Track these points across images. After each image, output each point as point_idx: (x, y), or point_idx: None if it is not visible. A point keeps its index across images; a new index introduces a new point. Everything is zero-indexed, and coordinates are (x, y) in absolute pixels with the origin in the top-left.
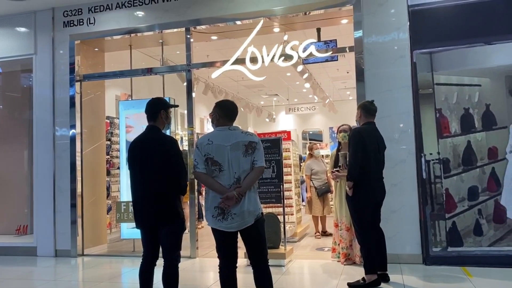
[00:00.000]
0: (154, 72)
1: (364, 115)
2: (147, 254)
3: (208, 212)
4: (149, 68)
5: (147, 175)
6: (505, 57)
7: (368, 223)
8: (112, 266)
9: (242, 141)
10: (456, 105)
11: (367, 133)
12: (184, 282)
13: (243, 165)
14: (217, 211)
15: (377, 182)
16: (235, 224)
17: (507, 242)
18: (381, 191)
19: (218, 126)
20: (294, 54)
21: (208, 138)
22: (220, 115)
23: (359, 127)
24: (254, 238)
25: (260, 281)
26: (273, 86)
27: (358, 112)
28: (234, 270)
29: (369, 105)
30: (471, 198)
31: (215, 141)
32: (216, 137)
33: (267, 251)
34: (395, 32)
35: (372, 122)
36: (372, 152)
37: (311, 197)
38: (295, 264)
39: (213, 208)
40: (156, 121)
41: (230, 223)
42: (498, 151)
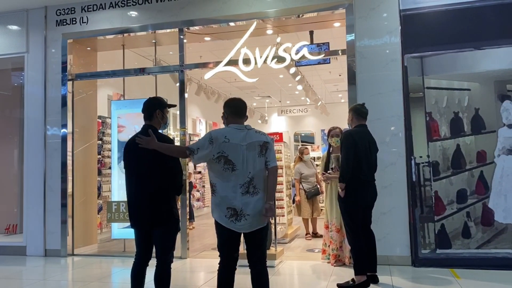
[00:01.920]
0: (146, 72)
1: (355, 118)
2: (140, 255)
3: (219, 211)
4: (142, 68)
5: (142, 175)
6: (494, 62)
7: (358, 225)
8: (102, 266)
9: (257, 141)
10: (446, 109)
11: (359, 136)
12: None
13: (257, 165)
14: (230, 212)
15: (369, 185)
16: (248, 225)
17: (495, 245)
18: (373, 193)
19: (230, 123)
20: (287, 56)
21: (225, 136)
22: (228, 114)
23: (351, 129)
24: (259, 239)
25: (258, 282)
26: (266, 88)
27: (350, 115)
28: (233, 270)
29: (360, 108)
30: (460, 201)
31: (232, 139)
32: (232, 135)
33: (266, 252)
34: (387, 36)
35: (364, 125)
36: (363, 155)
37: (300, 200)
38: (285, 265)
39: (225, 208)
40: (152, 120)
41: (244, 224)
42: (487, 155)
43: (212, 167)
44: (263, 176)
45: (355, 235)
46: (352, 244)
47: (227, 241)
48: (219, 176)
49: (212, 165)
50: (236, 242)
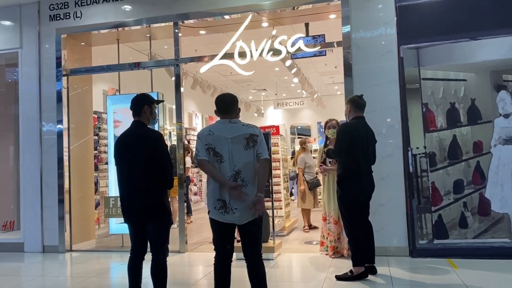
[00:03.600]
0: (141, 67)
1: (353, 110)
2: (135, 249)
3: (211, 201)
4: (137, 63)
5: (134, 170)
6: (490, 53)
7: (356, 217)
8: (101, 261)
9: (243, 134)
10: (442, 99)
11: (355, 128)
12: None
13: (243, 158)
14: (219, 203)
15: (366, 177)
16: (237, 218)
17: (491, 234)
18: (370, 185)
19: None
20: (283, 49)
21: (209, 130)
22: (217, 110)
23: (347, 122)
24: (252, 233)
25: (254, 276)
26: (262, 81)
27: (348, 106)
28: (229, 263)
29: (358, 100)
30: (457, 191)
31: (216, 132)
32: (217, 128)
33: (261, 246)
34: (382, 28)
35: (362, 117)
36: (360, 147)
37: (304, 189)
38: (283, 257)
39: (215, 200)
40: (140, 116)
41: (232, 217)
42: (483, 145)
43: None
44: (252, 169)
45: (353, 227)
46: (349, 235)
47: (220, 233)
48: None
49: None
50: (229, 234)
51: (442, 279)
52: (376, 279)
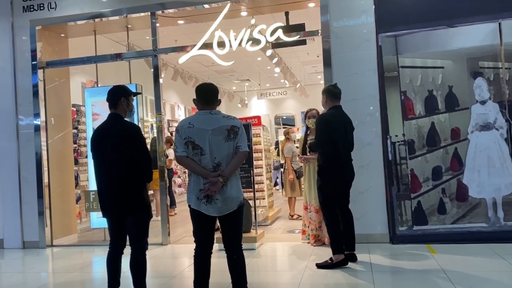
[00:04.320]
0: (119, 58)
1: (329, 99)
2: (114, 243)
3: (192, 194)
4: (114, 54)
5: (111, 163)
6: (467, 40)
7: (335, 205)
8: (83, 256)
9: (224, 126)
10: (420, 87)
11: (334, 118)
12: (154, 269)
13: (224, 150)
14: (202, 194)
15: (346, 166)
16: (218, 209)
17: (469, 219)
18: (350, 174)
19: (199, 110)
20: (262, 38)
21: (189, 122)
22: (197, 100)
23: (325, 112)
24: (233, 224)
25: (234, 266)
26: (244, 71)
27: (323, 97)
28: (209, 255)
29: (333, 89)
30: (435, 178)
31: (196, 124)
32: (197, 120)
33: (242, 237)
34: (361, 16)
35: (339, 106)
36: (339, 137)
37: (293, 178)
38: (266, 247)
39: (197, 190)
40: (117, 108)
41: (214, 207)
42: (461, 132)
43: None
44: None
45: (331, 216)
46: (328, 224)
47: (200, 225)
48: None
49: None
50: (209, 226)
51: (421, 265)
52: (356, 266)
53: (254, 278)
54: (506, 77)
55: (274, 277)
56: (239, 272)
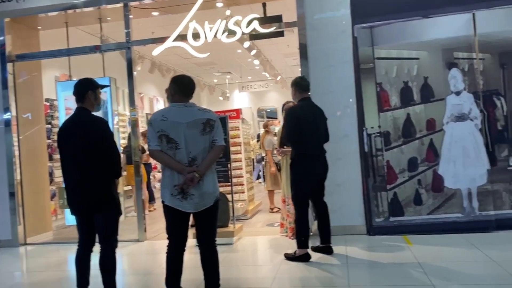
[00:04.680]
0: (91, 51)
1: (298, 92)
2: (83, 241)
3: (166, 190)
4: (86, 47)
5: (78, 159)
6: (442, 30)
7: (305, 200)
8: (59, 253)
9: (200, 119)
10: (395, 78)
11: (302, 111)
12: (129, 266)
13: (200, 144)
14: (176, 190)
15: (316, 158)
16: (194, 205)
17: (445, 210)
18: (323, 166)
19: (173, 102)
20: (238, 30)
21: (163, 114)
22: (175, 91)
23: (294, 105)
24: (208, 219)
25: (207, 262)
26: (225, 64)
27: (292, 89)
28: (182, 252)
29: (300, 81)
30: (411, 169)
31: (170, 117)
32: (171, 113)
33: (216, 232)
34: (336, 7)
35: (308, 98)
36: (308, 129)
37: (275, 171)
38: (244, 241)
39: (172, 186)
40: (84, 102)
41: (190, 204)
42: (436, 123)
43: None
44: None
45: (300, 210)
46: (296, 218)
47: (175, 222)
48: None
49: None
50: (184, 223)
51: (397, 257)
52: (333, 260)
53: (229, 273)
54: (480, 67)
55: (249, 271)
56: (213, 268)
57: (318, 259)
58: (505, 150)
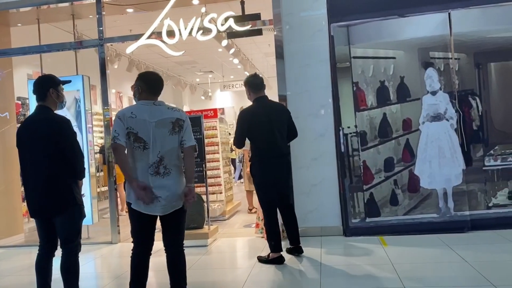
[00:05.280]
0: (62, 48)
1: (252, 92)
2: (44, 245)
3: (131, 191)
4: (57, 44)
5: (37, 160)
6: (418, 30)
7: (268, 202)
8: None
9: (169, 118)
10: (372, 78)
11: (252, 113)
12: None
13: (168, 143)
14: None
15: (272, 160)
16: (161, 208)
17: (421, 210)
18: (277, 169)
19: (140, 100)
20: (213, 28)
21: (131, 112)
22: (143, 89)
23: (246, 107)
24: (176, 222)
25: (174, 266)
26: (207, 63)
27: (246, 89)
28: (147, 257)
29: (252, 80)
30: (387, 169)
31: (139, 115)
32: (139, 111)
33: (184, 234)
34: (313, 5)
35: (263, 97)
36: (261, 131)
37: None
38: (219, 243)
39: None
40: (45, 100)
41: (157, 207)
42: (412, 123)
43: (127, 148)
44: (176, 155)
45: (266, 213)
46: (264, 222)
47: (141, 226)
48: (132, 156)
49: (127, 145)
50: (150, 226)
51: (371, 259)
52: (306, 262)
53: (200, 277)
54: (455, 67)
55: (220, 274)
56: (179, 272)
57: (292, 262)
58: (480, 150)
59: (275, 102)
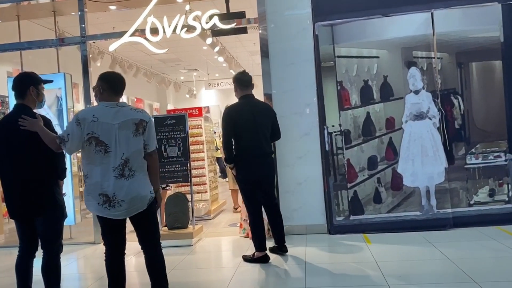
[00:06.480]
0: (43, 45)
1: (239, 88)
2: (24, 247)
3: (90, 198)
4: (37, 41)
5: (16, 159)
6: (401, 29)
7: (252, 201)
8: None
9: (132, 119)
10: (356, 77)
11: (237, 111)
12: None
13: (132, 145)
14: (102, 198)
15: (256, 160)
16: (124, 211)
17: (404, 208)
18: (261, 168)
19: (102, 100)
20: (197, 25)
21: (93, 114)
22: (104, 89)
23: (231, 105)
24: (146, 222)
25: (152, 266)
26: (191, 61)
27: (234, 86)
28: (122, 258)
29: (241, 77)
30: (371, 168)
31: (101, 118)
32: (101, 113)
33: (159, 233)
34: (297, 5)
35: (249, 95)
36: (246, 130)
37: None
38: (204, 242)
39: (97, 195)
40: (25, 99)
41: (119, 211)
42: (395, 121)
43: (85, 153)
44: (140, 157)
45: (251, 212)
46: (249, 220)
47: (108, 229)
48: (91, 162)
49: (85, 150)
50: (118, 229)
51: (355, 257)
52: (291, 261)
53: (185, 277)
54: (438, 67)
55: (205, 274)
56: (158, 272)
57: (277, 261)
58: (462, 149)
59: (262, 102)
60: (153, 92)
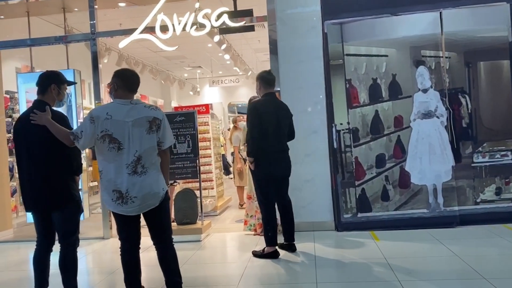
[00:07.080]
0: (54, 42)
1: (263, 86)
2: (41, 240)
3: (105, 193)
4: (48, 38)
5: (34, 155)
6: (410, 28)
7: (268, 197)
8: (20, 252)
9: (146, 117)
10: (364, 75)
11: (264, 106)
12: (93, 264)
13: (145, 143)
14: (115, 194)
15: (276, 155)
16: (137, 208)
17: (411, 206)
18: (281, 164)
19: (116, 98)
20: (207, 23)
21: (107, 112)
22: (119, 86)
23: (255, 100)
24: (158, 218)
25: (165, 261)
26: (196, 58)
27: (257, 83)
28: (137, 252)
29: (266, 76)
30: (379, 166)
31: (114, 115)
32: (115, 110)
33: (171, 229)
34: (307, 3)
35: (272, 93)
36: (269, 126)
37: (241, 168)
38: (212, 238)
39: (111, 191)
40: (44, 95)
41: (132, 207)
42: (403, 120)
43: (98, 149)
44: (154, 154)
45: (265, 207)
46: (262, 215)
47: (122, 224)
48: (106, 158)
49: (98, 147)
50: (133, 223)
51: (363, 253)
52: (300, 257)
53: (196, 271)
54: (446, 66)
55: (216, 269)
56: (171, 267)
57: (286, 256)
58: (469, 147)
59: (282, 102)
60: (157, 89)
